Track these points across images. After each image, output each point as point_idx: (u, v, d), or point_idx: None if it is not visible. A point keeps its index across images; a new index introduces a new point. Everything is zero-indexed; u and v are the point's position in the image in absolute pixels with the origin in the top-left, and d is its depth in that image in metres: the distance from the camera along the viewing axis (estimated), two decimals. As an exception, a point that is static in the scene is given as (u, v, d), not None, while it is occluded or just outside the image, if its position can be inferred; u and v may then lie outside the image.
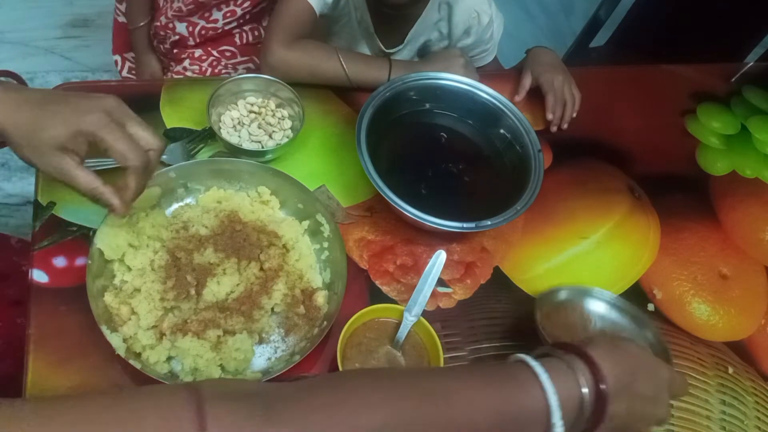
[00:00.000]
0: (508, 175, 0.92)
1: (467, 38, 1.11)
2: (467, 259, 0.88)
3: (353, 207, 0.90)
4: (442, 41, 1.12)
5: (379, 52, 1.11)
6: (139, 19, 1.21)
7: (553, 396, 0.48)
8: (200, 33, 1.18)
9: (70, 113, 0.59)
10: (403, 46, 1.10)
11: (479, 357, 0.81)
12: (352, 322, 0.73)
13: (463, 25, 1.09)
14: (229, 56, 1.22)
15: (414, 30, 1.08)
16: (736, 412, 0.85)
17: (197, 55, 1.21)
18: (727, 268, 0.98)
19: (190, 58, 1.20)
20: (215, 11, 1.16)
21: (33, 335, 0.70)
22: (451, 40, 1.12)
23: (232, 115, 0.91)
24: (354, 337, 0.74)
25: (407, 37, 1.09)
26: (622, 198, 1.02)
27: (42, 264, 0.75)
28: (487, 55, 1.18)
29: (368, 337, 0.75)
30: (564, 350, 0.53)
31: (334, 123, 0.98)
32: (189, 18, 1.17)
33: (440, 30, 1.10)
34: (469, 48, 1.14)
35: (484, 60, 1.18)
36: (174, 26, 1.18)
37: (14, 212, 1.69)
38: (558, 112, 1.03)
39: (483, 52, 1.17)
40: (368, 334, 0.75)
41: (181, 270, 0.72)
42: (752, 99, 1.23)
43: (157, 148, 0.63)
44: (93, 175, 0.61)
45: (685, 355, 0.88)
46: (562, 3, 2.59)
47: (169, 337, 0.69)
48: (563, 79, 1.04)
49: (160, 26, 1.19)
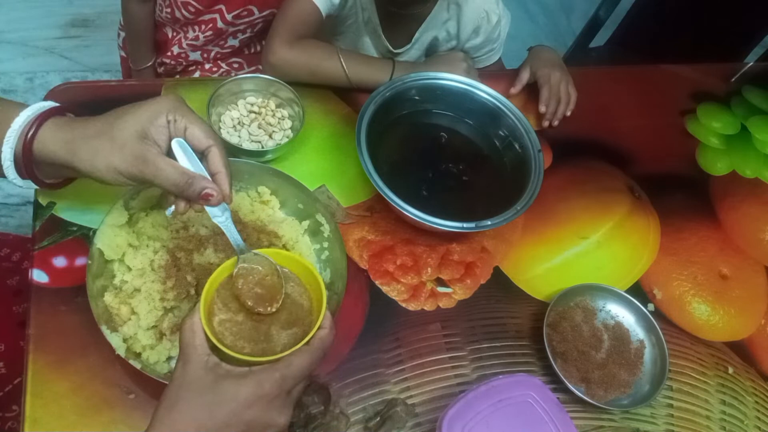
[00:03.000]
0: (508, 175, 0.92)
1: (476, 38, 1.11)
2: (467, 259, 0.88)
3: (353, 207, 0.90)
4: (450, 41, 1.12)
5: (387, 53, 1.11)
6: (145, 60, 1.18)
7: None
8: (215, 57, 1.18)
9: (142, 105, 0.59)
10: (411, 46, 1.10)
11: (479, 357, 0.81)
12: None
13: (473, 24, 1.09)
14: (237, 67, 1.23)
15: (421, 30, 1.08)
16: (736, 412, 0.85)
17: (207, 68, 1.21)
18: (727, 268, 0.98)
19: (201, 70, 1.21)
20: (231, 39, 1.15)
21: (33, 335, 0.70)
22: (459, 40, 1.11)
23: (232, 115, 0.91)
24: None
25: (415, 37, 1.09)
26: (622, 198, 1.02)
27: (42, 264, 0.75)
28: (494, 54, 1.18)
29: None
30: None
31: (334, 123, 0.98)
32: (204, 47, 1.16)
33: (448, 30, 1.10)
34: (477, 47, 1.14)
35: (490, 59, 1.18)
36: (187, 55, 1.17)
37: (14, 212, 1.69)
38: (552, 107, 1.03)
39: (490, 51, 1.17)
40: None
41: (181, 270, 0.72)
42: (752, 99, 1.23)
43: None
44: (178, 164, 0.58)
45: (685, 355, 0.88)
46: (562, 3, 2.59)
47: (169, 337, 0.69)
48: (560, 75, 1.04)
49: (171, 56, 1.17)
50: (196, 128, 0.59)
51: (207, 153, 0.60)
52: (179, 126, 0.59)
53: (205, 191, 0.58)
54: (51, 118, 0.59)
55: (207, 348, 0.53)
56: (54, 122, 0.59)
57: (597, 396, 0.79)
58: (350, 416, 0.73)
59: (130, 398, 0.69)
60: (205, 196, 0.58)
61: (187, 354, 0.53)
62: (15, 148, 0.58)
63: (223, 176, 0.60)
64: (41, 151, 0.58)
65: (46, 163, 0.59)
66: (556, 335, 0.82)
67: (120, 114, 0.58)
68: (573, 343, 0.82)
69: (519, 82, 1.06)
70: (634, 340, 0.85)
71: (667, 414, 0.83)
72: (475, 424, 0.67)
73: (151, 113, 0.58)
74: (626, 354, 0.83)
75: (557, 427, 0.68)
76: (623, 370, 0.82)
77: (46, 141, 0.58)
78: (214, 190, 0.58)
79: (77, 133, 0.58)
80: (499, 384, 0.71)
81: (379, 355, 0.79)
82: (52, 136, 0.58)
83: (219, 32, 1.12)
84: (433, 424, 0.74)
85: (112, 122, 0.57)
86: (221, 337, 0.55)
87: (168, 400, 0.52)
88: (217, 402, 0.51)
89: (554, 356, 0.80)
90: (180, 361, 0.53)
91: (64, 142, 0.58)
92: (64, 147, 0.58)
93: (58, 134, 0.58)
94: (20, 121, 0.58)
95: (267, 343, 0.57)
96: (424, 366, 0.79)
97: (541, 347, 0.81)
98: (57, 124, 0.59)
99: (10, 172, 0.59)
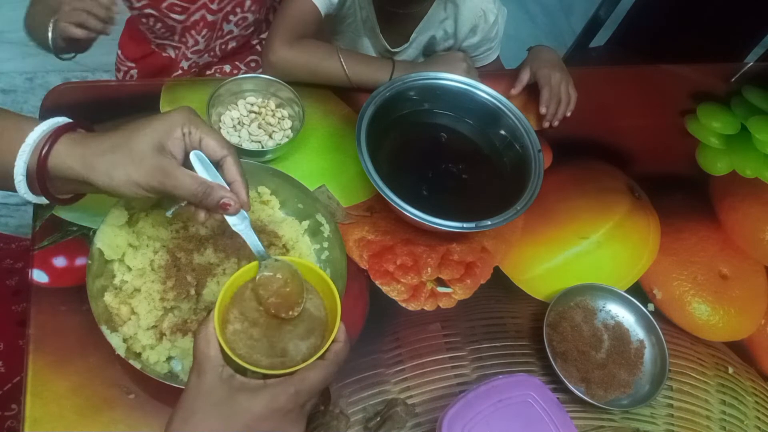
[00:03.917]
0: (508, 175, 0.92)
1: (473, 37, 1.11)
2: (467, 259, 0.88)
3: (353, 207, 0.90)
4: (448, 40, 1.12)
5: (384, 52, 1.11)
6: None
7: None
8: (221, 48, 1.17)
9: (156, 119, 0.59)
10: (408, 45, 1.10)
11: (479, 357, 0.81)
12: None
13: (470, 23, 1.09)
14: (254, 66, 1.22)
15: (419, 29, 1.08)
16: (736, 412, 0.85)
17: (227, 71, 1.20)
18: (727, 268, 0.98)
19: (219, 72, 1.20)
20: (225, 24, 1.14)
21: (33, 335, 0.70)
22: (457, 39, 1.12)
23: (232, 115, 0.91)
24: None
25: (412, 36, 1.09)
26: (622, 198, 1.02)
27: (42, 264, 0.75)
28: (492, 52, 1.18)
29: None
30: None
31: (334, 123, 0.98)
32: (209, 48, 1.15)
33: (446, 29, 1.10)
34: (474, 46, 1.14)
35: (488, 58, 1.19)
36: (197, 63, 1.16)
37: (14, 212, 1.69)
38: (552, 108, 1.03)
39: (488, 50, 1.17)
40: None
41: (181, 270, 0.72)
42: (752, 99, 1.23)
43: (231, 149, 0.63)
44: (195, 173, 0.59)
45: (685, 355, 0.88)
46: (562, 3, 2.59)
47: (169, 337, 0.69)
48: (561, 76, 1.04)
49: (184, 72, 1.16)
50: (211, 139, 0.60)
51: (222, 162, 0.61)
52: (194, 138, 0.60)
53: (223, 201, 0.59)
54: (65, 134, 0.59)
55: (221, 359, 0.53)
56: (69, 137, 0.59)
57: (597, 396, 0.79)
58: (350, 416, 0.73)
59: (130, 398, 0.69)
60: (224, 205, 0.59)
61: (202, 364, 0.53)
62: (28, 163, 0.58)
63: (240, 185, 0.61)
64: (57, 167, 0.58)
65: (60, 178, 0.60)
66: (556, 335, 0.82)
67: (136, 128, 0.58)
68: (573, 343, 0.82)
69: (519, 83, 1.06)
70: (634, 340, 0.85)
71: (667, 414, 0.83)
72: (475, 424, 0.67)
73: (167, 126, 0.59)
74: (626, 354, 0.83)
75: (557, 427, 0.68)
76: (623, 370, 0.82)
77: (62, 156, 0.58)
78: (232, 199, 0.60)
79: (93, 148, 0.58)
80: (499, 384, 0.71)
81: (379, 355, 0.79)
82: (68, 151, 0.58)
83: (212, 25, 1.11)
84: (433, 424, 0.74)
85: (129, 136, 0.58)
86: (234, 346, 0.55)
87: (183, 411, 0.52)
88: (232, 414, 0.51)
89: (554, 356, 0.80)
90: (194, 371, 0.54)
91: (80, 156, 0.58)
92: (80, 161, 0.58)
93: (74, 149, 0.58)
94: (34, 136, 0.58)
95: (283, 356, 0.56)
96: (424, 366, 0.79)
97: (541, 347, 0.81)
98: (72, 140, 0.59)
99: (22, 186, 0.59)
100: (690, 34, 1.56)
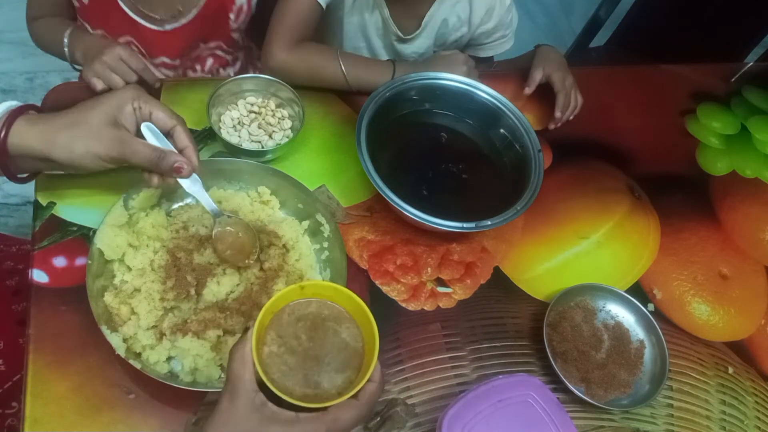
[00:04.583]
0: (508, 175, 0.92)
1: (488, 22, 1.09)
2: (467, 259, 0.88)
3: (353, 207, 0.90)
4: (462, 27, 1.10)
5: (396, 39, 1.09)
6: None
7: None
8: (207, 52, 1.14)
9: (106, 97, 0.65)
10: (420, 31, 1.08)
11: (479, 357, 0.81)
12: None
13: (485, 6, 1.07)
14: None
15: (430, 13, 1.05)
16: (736, 412, 0.85)
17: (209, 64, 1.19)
18: (727, 268, 0.98)
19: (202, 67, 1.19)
20: (197, 66, 1.12)
21: (33, 335, 0.70)
22: (471, 25, 1.09)
23: (232, 115, 0.91)
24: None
25: (424, 21, 1.06)
26: (622, 198, 1.02)
27: (42, 264, 0.75)
28: (506, 41, 1.16)
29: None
30: None
31: (334, 123, 0.98)
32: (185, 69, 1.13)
33: (459, 14, 1.08)
34: (489, 32, 1.12)
35: (502, 46, 1.16)
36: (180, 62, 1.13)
37: (14, 212, 1.69)
38: (566, 113, 1.03)
39: (502, 37, 1.14)
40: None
41: (181, 270, 0.72)
42: (752, 99, 1.23)
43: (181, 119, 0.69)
44: (150, 143, 0.65)
45: (685, 355, 0.88)
46: (562, 3, 2.59)
47: (169, 337, 0.69)
48: (572, 81, 1.04)
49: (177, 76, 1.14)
50: (160, 112, 0.67)
51: (173, 132, 0.67)
52: (144, 112, 0.66)
53: (176, 164, 0.65)
54: (20, 116, 0.63)
55: (255, 383, 0.53)
56: (25, 118, 0.64)
57: (597, 396, 0.79)
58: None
59: (130, 398, 0.69)
60: (177, 168, 0.66)
61: (236, 387, 0.52)
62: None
63: (191, 150, 0.67)
64: (17, 146, 0.63)
65: (20, 156, 0.64)
66: (556, 335, 0.82)
67: (89, 106, 0.64)
68: (573, 343, 0.82)
69: (532, 82, 1.03)
70: (634, 340, 0.85)
71: (667, 414, 0.83)
72: (475, 424, 0.67)
73: (118, 102, 0.65)
74: (626, 354, 0.83)
75: (557, 427, 0.68)
76: (623, 370, 0.82)
77: (20, 135, 0.62)
78: (185, 163, 0.66)
79: (51, 125, 0.63)
80: (499, 384, 0.71)
81: (379, 355, 0.79)
82: (26, 130, 0.63)
83: (178, 67, 1.10)
84: (433, 424, 0.74)
85: (85, 113, 0.63)
86: (268, 369, 0.54)
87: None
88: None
89: (554, 356, 0.80)
90: (227, 393, 0.53)
91: (39, 133, 0.63)
92: (39, 138, 0.63)
93: (32, 128, 0.63)
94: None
95: (316, 388, 0.55)
96: (424, 366, 0.79)
97: (541, 347, 0.81)
98: (28, 120, 0.64)
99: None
100: (690, 34, 1.56)
